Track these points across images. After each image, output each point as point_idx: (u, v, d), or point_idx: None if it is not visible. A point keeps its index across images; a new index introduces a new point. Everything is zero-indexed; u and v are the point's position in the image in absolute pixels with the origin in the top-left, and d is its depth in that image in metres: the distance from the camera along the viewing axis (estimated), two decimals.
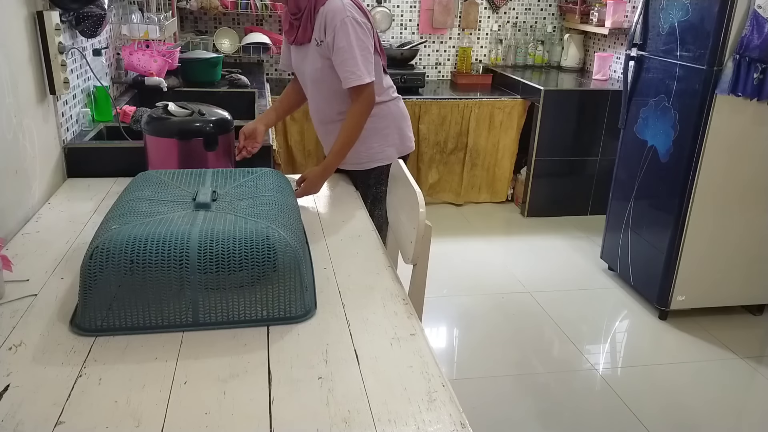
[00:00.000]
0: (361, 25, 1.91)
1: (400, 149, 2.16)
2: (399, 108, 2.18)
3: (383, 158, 2.11)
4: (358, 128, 1.98)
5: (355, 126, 1.97)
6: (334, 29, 1.88)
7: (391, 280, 1.43)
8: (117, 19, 2.73)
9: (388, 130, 2.12)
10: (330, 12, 1.89)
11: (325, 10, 1.90)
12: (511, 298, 3.05)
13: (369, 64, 1.93)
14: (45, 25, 1.81)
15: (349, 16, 1.89)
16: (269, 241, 1.17)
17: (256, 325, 1.20)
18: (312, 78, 2.04)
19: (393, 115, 2.13)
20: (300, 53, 2.07)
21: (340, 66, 1.92)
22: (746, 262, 2.82)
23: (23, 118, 1.70)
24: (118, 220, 1.21)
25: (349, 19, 1.88)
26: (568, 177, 4.01)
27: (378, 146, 2.10)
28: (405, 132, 2.18)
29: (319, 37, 1.94)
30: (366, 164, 2.11)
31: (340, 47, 1.89)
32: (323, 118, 2.13)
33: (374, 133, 2.09)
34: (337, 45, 1.89)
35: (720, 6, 2.46)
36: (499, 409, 2.27)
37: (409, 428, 0.96)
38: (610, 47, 4.26)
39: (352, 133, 1.98)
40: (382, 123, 2.10)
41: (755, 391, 2.46)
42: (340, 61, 1.91)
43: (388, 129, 2.12)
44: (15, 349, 1.12)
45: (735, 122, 2.60)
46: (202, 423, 0.95)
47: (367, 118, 1.99)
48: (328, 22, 1.89)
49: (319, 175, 1.98)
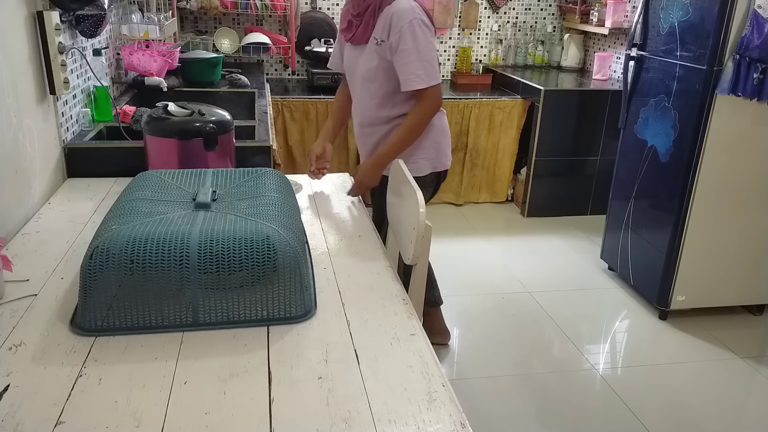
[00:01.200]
0: (429, 28, 1.91)
1: (434, 164, 2.13)
2: (441, 123, 2.15)
3: (414, 169, 2.08)
4: (418, 128, 1.98)
5: (416, 126, 1.97)
6: (400, 30, 1.87)
7: (391, 280, 1.43)
8: (117, 19, 2.73)
9: (425, 142, 2.09)
10: (397, 13, 1.88)
11: (392, 11, 1.89)
12: (511, 298, 3.05)
13: (434, 67, 1.92)
14: (45, 25, 1.81)
15: (417, 18, 1.87)
16: (269, 241, 1.17)
17: (256, 325, 1.20)
18: (363, 77, 2.03)
19: (433, 128, 2.10)
20: (354, 52, 2.06)
21: (402, 68, 1.90)
22: (746, 262, 2.82)
23: (23, 118, 1.70)
24: (118, 220, 1.21)
25: (417, 21, 1.87)
26: (568, 177, 4.01)
27: (411, 156, 2.08)
28: (442, 148, 2.15)
29: (381, 37, 1.93)
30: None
31: (404, 49, 1.87)
32: (367, 120, 2.11)
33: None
34: (402, 47, 1.87)
35: (720, 6, 2.46)
36: (499, 409, 2.27)
37: (409, 428, 0.96)
38: (610, 47, 4.26)
39: (412, 131, 1.97)
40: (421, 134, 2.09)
41: (755, 391, 2.46)
42: (403, 63, 1.89)
43: (426, 141, 2.09)
44: (15, 349, 1.12)
45: (735, 122, 2.60)
46: (202, 423, 0.95)
47: (428, 121, 1.98)
48: (395, 22, 1.88)
49: (370, 167, 1.98)
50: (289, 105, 3.65)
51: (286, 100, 3.65)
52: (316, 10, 4.18)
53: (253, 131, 2.37)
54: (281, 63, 4.26)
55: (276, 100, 3.60)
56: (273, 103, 3.51)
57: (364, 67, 2.02)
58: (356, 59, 2.06)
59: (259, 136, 2.29)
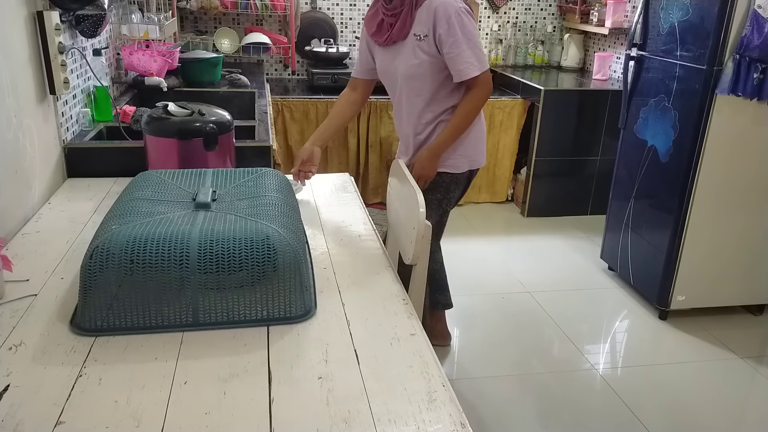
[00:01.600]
0: (471, 17, 1.92)
1: (471, 161, 2.14)
2: (481, 122, 2.17)
3: (450, 166, 2.10)
4: (473, 114, 1.99)
5: (471, 112, 1.98)
6: (448, 22, 1.89)
7: (391, 280, 1.43)
8: (117, 19, 2.73)
9: (466, 139, 2.10)
10: (442, 5, 1.90)
11: (434, 4, 1.91)
12: (511, 298, 3.05)
13: (483, 53, 1.95)
14: (45, 25, 1.81)
15: (461, 7, 1.91)
16: (269, 241, 1.17)
17: (256, 325, 1.20)
18: (407, 75, 2.03)
19: (474, 126, 2.11)
20: (390, 53, 2.06)
21: (455, 59, 1.92)
22: (746, 262, 2.82)
23: (23, 118, 1.70)
24: (118, 220, 1.21)
25: (462, 10, 1.90)
26: (568, 177, 4.01)
27: (453, 153, 2.08)
28: (479, 146, 2.16)
29: (422, 32, 1.94)
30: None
31: (455, 40, 1.89)
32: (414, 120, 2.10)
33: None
34: (453, 38, 1.89)
35: (720, 6, 2.46)
36: (499, 409, 2.27)
37: (409, 428, 0.96)
38: (610, 47, 4.26)
39: (467, 118, 1.98)
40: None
41: (755, 391, 2.46)
42: (456, 54, 1.91)
43: (467, 138, 2.10)
44: (15, 349, 1.12)
45: (735, 122, 2.60)
46: (202, 423, 0.95)
47: (482, 106, 2.00)
48: (440, 15, 1.90)
49: (427, 158, 1.99)
50: (289, 105, 3.65)
51: (286, 100, 3.65)
52: (316, 10, 4.18)
53: (253, 131, 2.37)
54: (281, 63, 4.26)
55: (276, 100, 3.60)
56: (273, 103, 3.51)
57: (405, 66, 2.01)
58: (393, 60, 2.06)
59: (259, 136, 2.28)
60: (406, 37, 1.98)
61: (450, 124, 2.01)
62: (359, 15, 4.25)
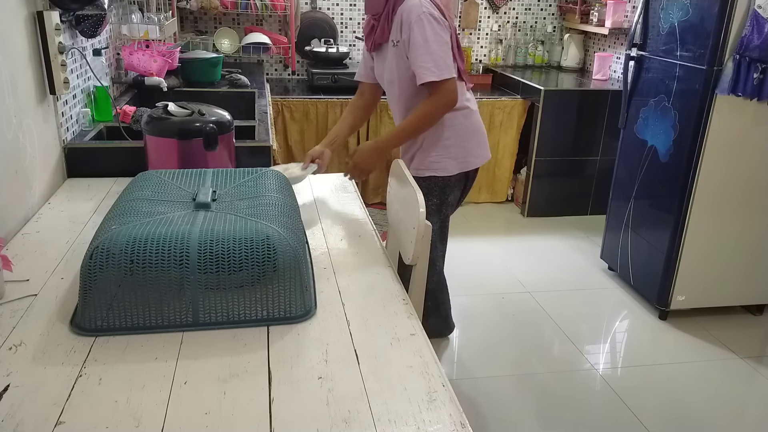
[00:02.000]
0: (438, 22, 1.90)
1: (461, 164, 2.10)
2: (470, 121, 2.11)
3: (439, 169, 2.07)
4: (425, 121, 1.94)
5: (423, 118, 1.93)
6: (410, 26, 1.88)
7: (391, 280, 1.43)
8: (117, 19, 2.73)
9: (449, 142, 2.07)
10: (407, 9, 1.89)
11: (402, 9, 1.91)
12: (511, 298, 3.05)
13: (446, 60, 1.90)
14: (45, 25, 1.81)
15: (425, 12, 1.88)
16: (269, 241, 1.17)
17: (256, 325, 1.20)
18: (389, 80, 2.05)
19: (460, 127, 2.07)
20: (380, 59, 2.08)
21: (415, 62, 1.90)
22: (746, 262, 2.82)
23: (23, 118, 1.70)
24: (118, 220, 1.21)
25: (426, 15, 1.88)
26: (568, 177, 4.01)
27: (436, 155, 2.06)
28: (470, 147, 2.11)
29: (396, 38, 1.94)
30: (422, 171, 2.09)
31: (415, 43, 1.88)
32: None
33: (436, 141, 2.06)
34: (413, 41, 1.88)
35: (720, 6, 2.46)
36: (499, 409, 2.27)
37: (409, 428, 0.96)
38: (610, 47, 4.26)
39: (419, 123, 1.94)
40: (446, 133, 2.06)
41: (755, 391, 2.46)
42: (414, 57, 1.90)
43: (450, 141, 2.07)
44: (15, 349, 1.12)
45: (735, 122, 2.60)
46: (202, 423, 0.95)
47: (440, 115, 1.94)
48: (405, 19, 1.89)
49: (369, 150, 1.94)
50: (289, 105, 3.65)
51: (286, 100, 3.65)
52: (316, 10, 4.18)
53: (253, 131, 2.37)
54: (281, 63, 4.26)
55: (276, 100, 3.60)
56: (273, 103, 3.51)
57: (388, 70, 2.03)
58: (382, 65, 2.08)
59: (259, 136, 2.28)
60: (386, 41, 2.00)
61: (399, 125, 2.00)
62: (359, 15, 4.25)
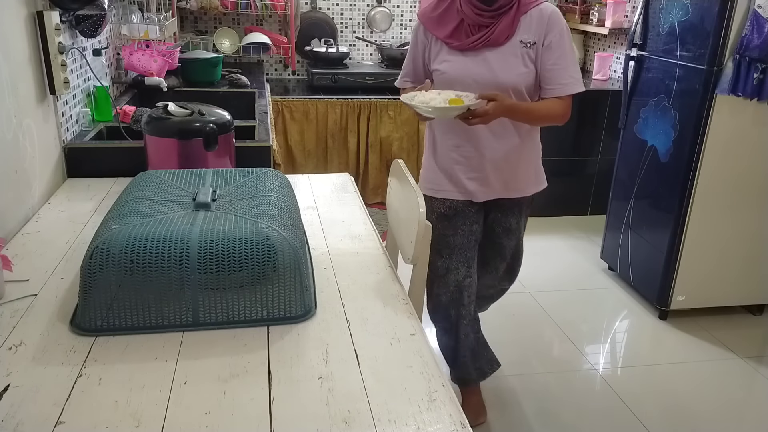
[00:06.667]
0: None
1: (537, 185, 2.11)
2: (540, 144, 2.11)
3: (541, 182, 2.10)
4: (548, 120, 1.87)
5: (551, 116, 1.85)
6: (560, 31, 1.80)
7: (391, 280, 1.43)
8: (117, 19, 2.72)
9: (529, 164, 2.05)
10: (555, 13, 1.81)
11: (549, 11, 1.80)
12: (511, 298, 3.05)
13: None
14: (45, 25, 1.81)
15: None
16: (269, 241, 1.17)
17: (256, 325, 1.20)
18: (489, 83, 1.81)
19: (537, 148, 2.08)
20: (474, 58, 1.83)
21: (560, 72, 1.80)
22: (746, 262, 2.82)
23: (23, 118, 1.70)
24: (118, 220, 1.21)
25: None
26: (568, 177, 4.00)
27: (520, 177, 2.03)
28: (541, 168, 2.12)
29: (531, 39, 1.79)
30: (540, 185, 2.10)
31: (563, 52, 1.80)
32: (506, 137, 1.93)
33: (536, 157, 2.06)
34: (562, 49, 1.80)
35: (720, 6, 2.46)
36: (499, 409, 2.27)
37: (409, 428, 0.96)
38: (610, 47, 4.26)
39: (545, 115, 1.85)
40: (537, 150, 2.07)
41: (755, 391, 2.46)
42: (562, 67, 1.80)
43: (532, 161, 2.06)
44: (15, 349, 1.12)
45: (735, 122, 2.60)
46: (202, 423, 0.95)
47: (558, 123, 1.90)
48: (554, 22, 1.80)
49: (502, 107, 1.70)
50: (289, 105, 3.65)
51: (286, 100, 3.65)
52: (316, 10, 4.18)
53: (253, 131, 2.37)
54: (281, 63, 4.26)
55: (276, 100, 3.60)
56: (273, 103, 3.51)
57: (511, 74, 1.81)
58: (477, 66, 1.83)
59: (259, 136, 2.28)
60: (505, 42, 1.80)
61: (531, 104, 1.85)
62: (359, 15, 4.25)
